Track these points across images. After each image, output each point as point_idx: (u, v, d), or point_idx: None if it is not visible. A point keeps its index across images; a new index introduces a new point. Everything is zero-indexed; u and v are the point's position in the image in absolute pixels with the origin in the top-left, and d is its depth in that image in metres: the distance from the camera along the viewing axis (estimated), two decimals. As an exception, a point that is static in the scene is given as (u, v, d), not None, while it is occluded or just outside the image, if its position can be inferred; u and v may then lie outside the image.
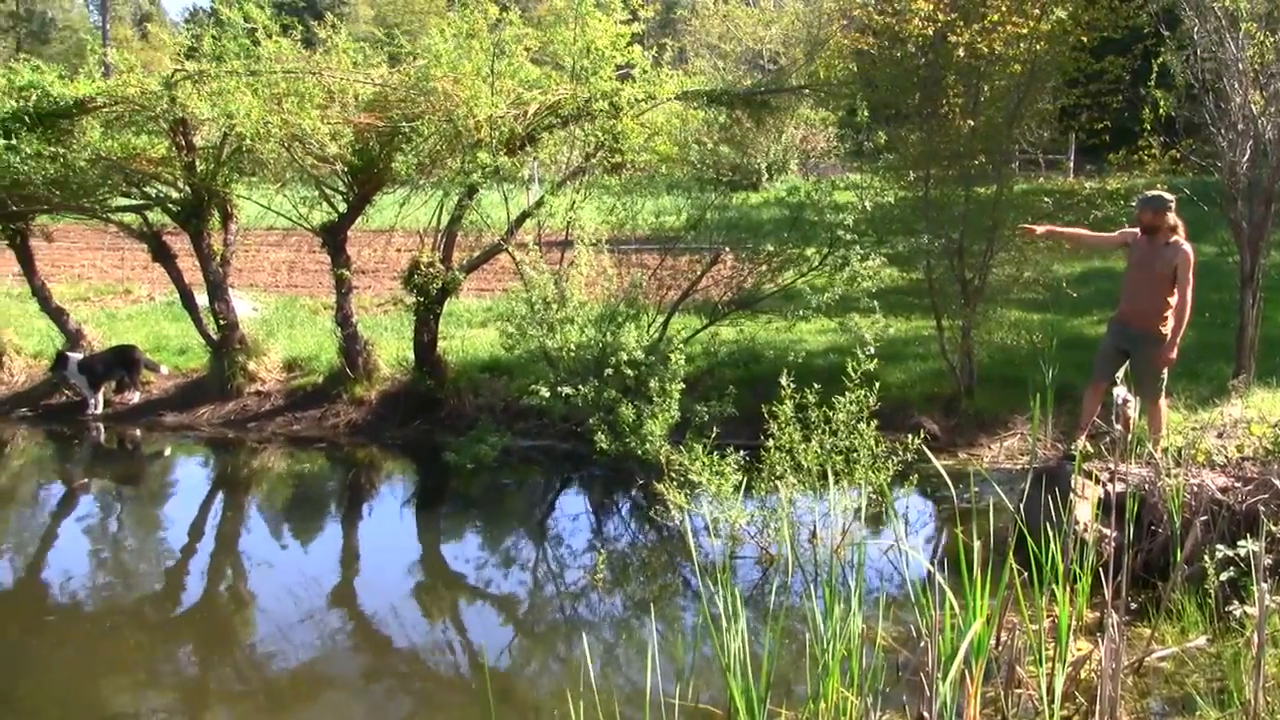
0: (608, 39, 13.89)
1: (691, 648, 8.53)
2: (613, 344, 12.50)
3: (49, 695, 8.72)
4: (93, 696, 8.72)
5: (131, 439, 17.07)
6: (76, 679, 9.02)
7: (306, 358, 17.59)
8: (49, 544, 12.93)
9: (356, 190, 15.77)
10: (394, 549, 12.19)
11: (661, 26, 33.39)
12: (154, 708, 8.55)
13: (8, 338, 19.16)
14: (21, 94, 16.22)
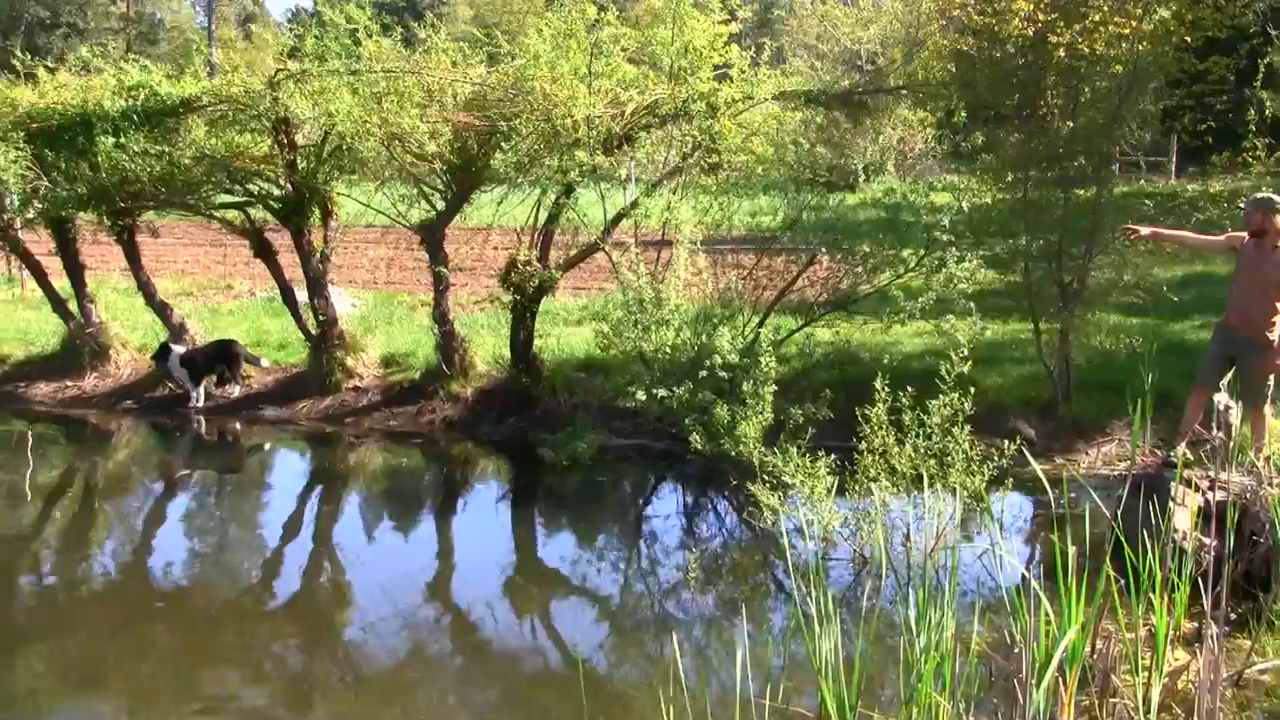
0: (706, 39, 13.88)
1: (782, 649, 8.52)
2: (707, 346, 12.50)
3: (154, 681, 8.90)
4: (195, 683, 8.89)
5: (231, 432, 17.33)
6: (180, 666, 9.19)
7: (404, 354, 17.75)
8: (153, 533, 13.20)
9: (455, 188, 15.88)
10: (488, 545, 12.28)
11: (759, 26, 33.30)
12: (252, 697, 8.70)
13: (114, 331, 19.52)
14: (131, 93, 16.58)
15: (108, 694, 8.75)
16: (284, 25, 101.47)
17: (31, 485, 14.93)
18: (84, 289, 19.63)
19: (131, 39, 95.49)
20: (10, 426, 17.95)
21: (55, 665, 9.30)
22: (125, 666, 9.23)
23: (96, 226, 18.94)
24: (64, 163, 16.93)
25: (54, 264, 19.97)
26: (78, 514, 14.13)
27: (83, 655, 9.51)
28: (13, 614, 10.51)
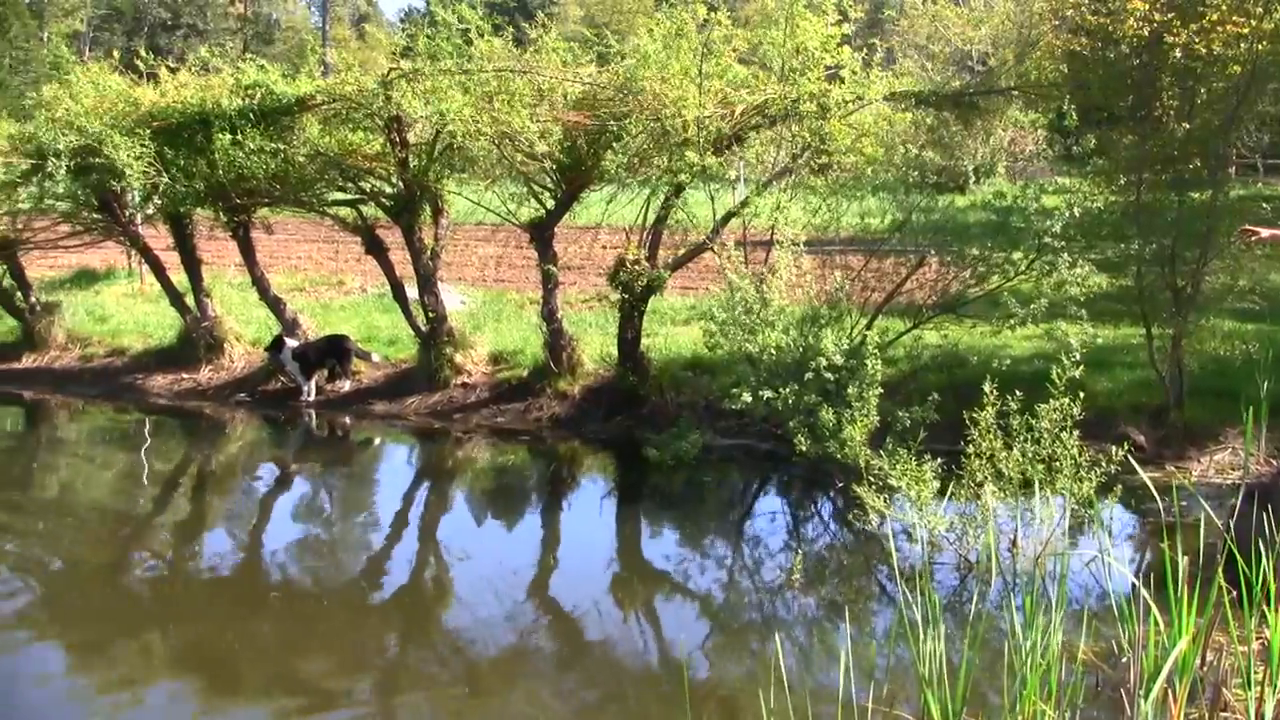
0: (818, 40, 13.83)
1: (886, 652, 8.49)
2: (813, 347, 12.46)
3: (264, 671, 9.04)
4: (302, 673, 9.04)
5: (342, 426, 17.58)
6: (286, 656, 9.35)
7: (512, 351, 17.87)
8: (263, 525, 13.44)
9: (564, 187, 15.96)
10: (593, 543, 12.36)
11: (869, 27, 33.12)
12: (356, 689, 8.82)
13: (228, 326, 19.88)
14: (247, 92, 16.88)
15: (215, 681, 8.90)
16: (397, 25, 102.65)
17: (147, 475, 15.24)
18: (200, 284, 20.01)
19: (248, 39, 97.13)
20: (128, 417, 18.35)
21: (166, 651, 9.49)
22: (233, 654, 9.40)
23: (213, 222, 19.34)
24: (183, 160, 17.27)
25: (172, 259, 20.38)
26: (191, 504, 14.43)
27: (192, 642, 9.71)
28: (127, 600, 10.75)
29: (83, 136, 17.21)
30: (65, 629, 9.95)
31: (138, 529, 12.96)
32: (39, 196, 19.67)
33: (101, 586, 11.02)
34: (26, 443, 17.77)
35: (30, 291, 21.79)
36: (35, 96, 22.09)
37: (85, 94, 18.25)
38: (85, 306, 23.41)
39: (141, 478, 15.12)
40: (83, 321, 22.11)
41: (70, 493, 14.40)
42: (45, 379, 20.47)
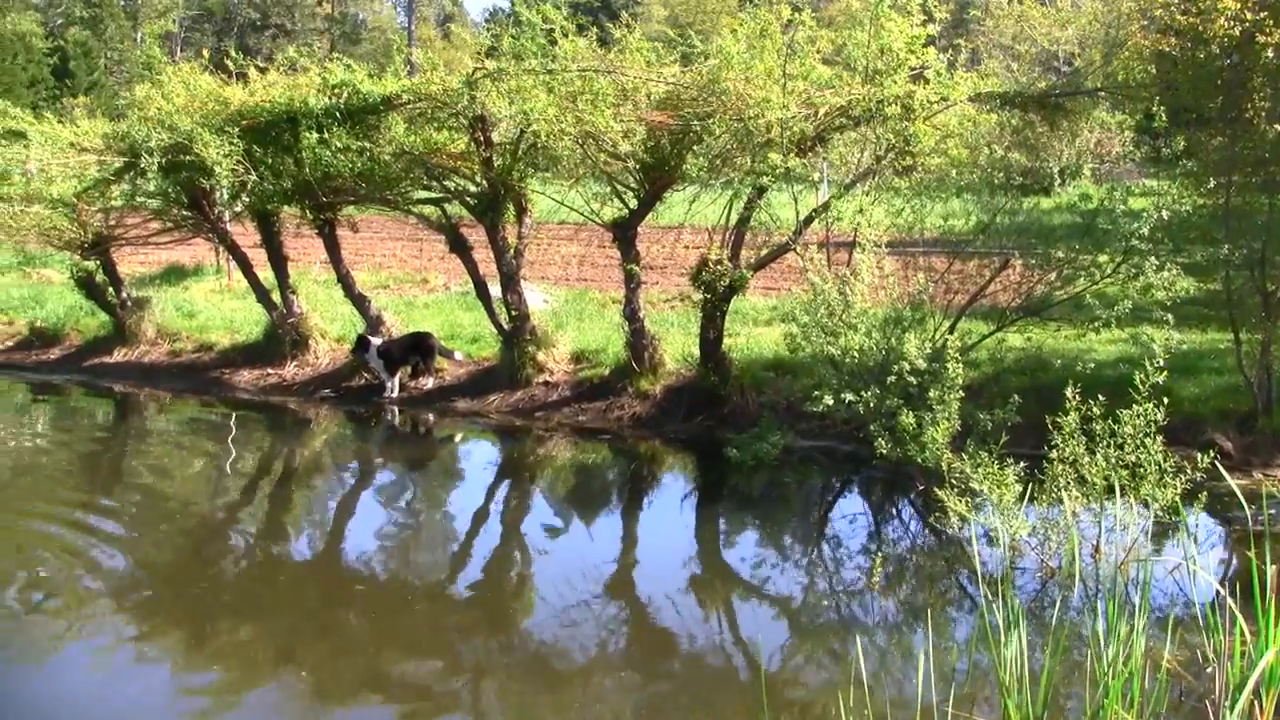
0: (903, 41, 13.75)
1: (965, 657, 8.45)
2: (896, 350, 12.40)
3: (345, 663, 9.14)
4: (383, 666, 9.13)
5: (424, 423, 17.72)
6: (366, 649, 9.44)
7: (594, 350, 17.93)
8: (346, 519, 13.59)
9: (647, 187, 15.98)
10: (672, 542, 12.36)
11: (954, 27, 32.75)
12: (435, 682, 8.92)
13: (314, 322, 20.11)
14: (334, 91, 17.03)
15: (297, 673, 9.04)
16: (482, 25, 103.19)
17: (234, 469, 15.43)
18: (287, 280, 20.25)
19: (335, 39, 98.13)
20: (215, 411, 18.60)
21: (251, 642, 9.62)
22: (317, 647, 9.52)
23: (300, 220, 19.58)
24: (270, 158, 17.50)
25: (259, 256, 20.66)
26: (276, 498, 14.60)
27: (277, 634, 9.84)
28: (213, 591, 10.89)
29: (174, 135, 17.51)
30: (157, 620, 10.12)
31: (225, 522, 13.13)
32: (131, 194, 20.05)
33: (190, 578, 11.19)
34: (117, 435, 18.06)
35: (122, 287, 22.13)
36: (128, 96, 22.52)
37: (177, 93, 18.55)
38: (174, 302, 23.83)
39: (228, 472, 15.31)
40: (172, 317, 22.48)
41: (159, 486, 14.62)
42: (135, 373, 20.83)
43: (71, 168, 20.08)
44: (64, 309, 23.76)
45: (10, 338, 23.58)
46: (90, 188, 20.12)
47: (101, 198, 20.46)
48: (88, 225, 20.99)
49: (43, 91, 76.17)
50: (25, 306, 24.84)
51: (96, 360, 21.63)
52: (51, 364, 22.08)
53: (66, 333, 22.91)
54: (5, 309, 24.87)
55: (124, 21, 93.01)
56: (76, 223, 20.86)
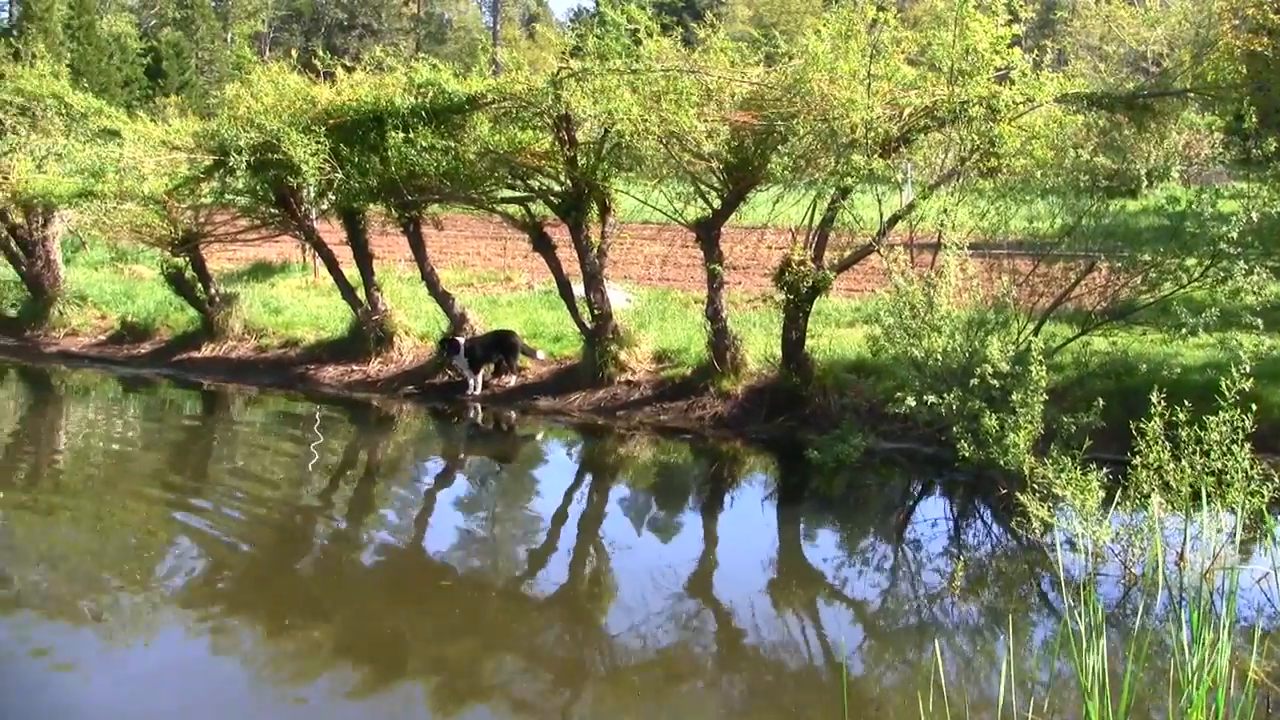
0: (988, 41, 13.65)
1: (1047, 663, 8.38)
2: (979, 353, 12.30)
3: (429, 659, 9.23)
4: (462, 662, 9.20)
5: (506, 420, 17.82)
6: (448, 644, 9.52)
7: (676, 350, 17.94)
8: (429, 515, 13.72)
9: (731, 187, 15.98)
10: (752, 542, 12.36)
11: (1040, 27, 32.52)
12: (515, 679, 8.97)
13: (398, 319, 20.27)
14: (420, 91, 17.17)
15: (377, 667, 9.11)
16: (566, 25, 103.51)
17: (317, 463, 15.62)
18: (372, 278, 20.43)
19: (421, 39, 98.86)
20: (300, 406, 18.83)
21: (332, 636, 9.72)
22: (397, 641, 9.62)
23: (385, 218, 19.73)
24: (357, 157, 17.66)
25: (344, 253, 20.87)
26: (359, 492, 14.76)
27: (357, 627, 9.95)
28: (296, 583, 11.05)
29: (262, 133, 17.73)
30: (239, 610, 10.26)
31: (309, 516, 13.28)
32: (220, 191, 20.33)
33: (273, 570, 11.36)
34: (204, 429, 18.33)
35: (210, 283, 22.43)
36: (219, 95, 22.83)
37: (265, 92, 18.79)
38: (261, 298, 24.11)
39: (312, 467, 15.50)
40: (258, 313, 22.75)
41: (245, 480, 14.78)
42: (222, 368, 21.12)
43: (163, 165, 20.39)
44: (154, 304, 24.14)
45: (103, 332, 24.01)
46: (181, 185, 20.41)
47: (191, 195, 20.75)
48: (178, 222, 21.31)
49: (136, 91, 77.37)
50: (117, 301, 25.28)
51: (185, 355, 21.97)
52: (142, 358, 22.45)
53: (156, 328, 23.27)
54: (98, 304, 25.30)
55: (215, 22, 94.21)
56: (167, 219, 21.19)
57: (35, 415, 19.80)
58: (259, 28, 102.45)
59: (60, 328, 24.33)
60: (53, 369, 22.44)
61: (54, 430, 18.30)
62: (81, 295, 25.26)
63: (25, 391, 21.54)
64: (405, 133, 16.75)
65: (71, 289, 25.21)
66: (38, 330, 24.44)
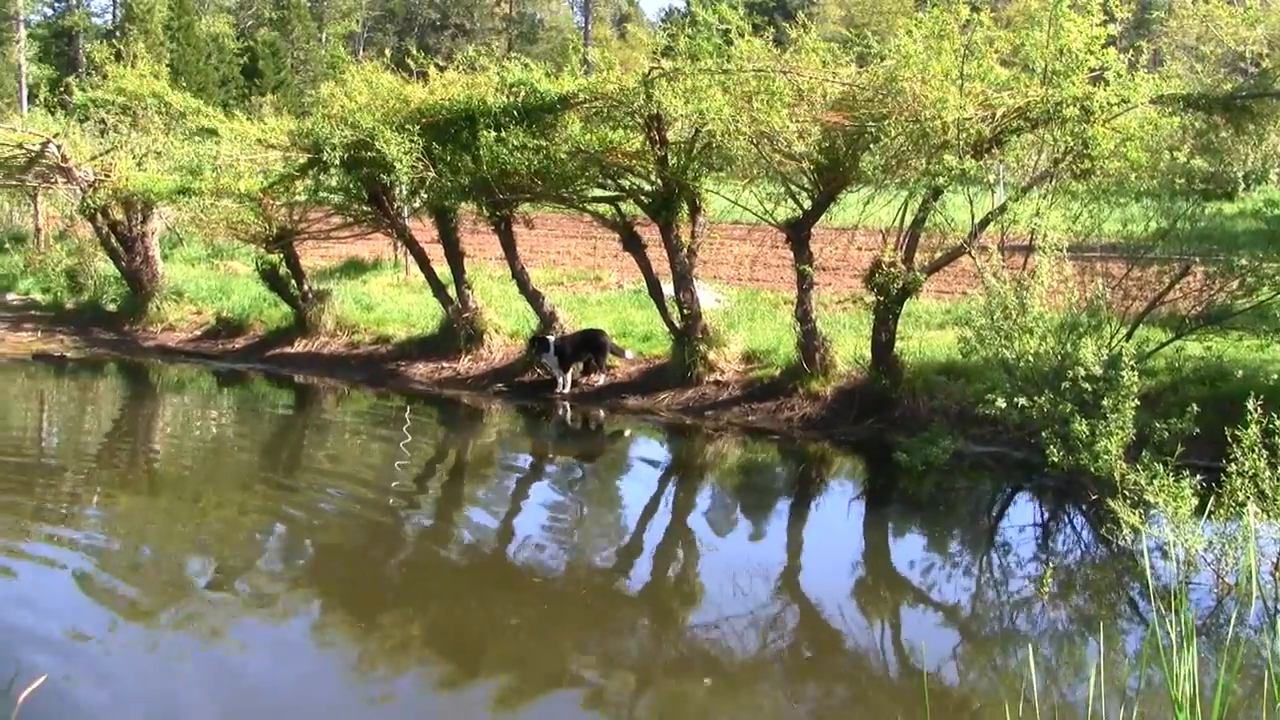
0: (1082, 41, 13.51)
1: (1137, 672, 8.29)
2: (1071, 356, 12.16)
3: (510, 654, 9.26)
4: (546, 658, 9.23)
5: (595, 419, 17.90)
6: (533, 639, 9.57)
7: (765, 351, 17.91)
8: (517, 511, 13.83)
9: (821, 188, 15.93)
10: (839, 545, 12.33)
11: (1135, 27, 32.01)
12: (598, 677, 8.99)
13: (488, 317, 20.40)
14: (511, 90, 17.29)
15: (466, 663, 9.18)
16: (657, 24, 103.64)
17: (408, 459, 15.77)
18: (463, 275, 20.60)
19: (513, 38, 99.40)
20: (390, 402, 19.02)
21: (422, 631, 9.81)
22: (483, 636, 9.67)
23: (476, 216, 19.90)
24: (449, 155, 17.85)
25: (436, 251, 21.05)
26: (449, 488, 14.89)
27: (445, 621, 10.06)
28: (386, 581, 11.15)
29: (356, 132, 17.93)
30: (330, 603, 10.40)
31: (399, 511, 13.39)
32: (314, 189, 20.62)
33: (363, 563, 11.48)
34: (296, 424, 18.57)
35: (304, 280, 22.73)
36: (313, 94, 23.14)
37: (359, 91, 19.01)
38: (353, 295, 24.41)
39: (403, 463, 15.65)
40: (350, 309, 23.02)
41: (336, 475, 14.95)
42: (314, 364, 21.39)
43: (258, 163, 20.72)
44: (248, 300, 24.51)
45: (198, 327, 24.39)
46: (276, 183, 20.74)
47: (286, 193, 21.07)
48: (273, 219, 21.63)
49: (233, 90, 78.50)
50: (213, 297, 25.68)
51: (278, 350, 22.29)
52: (236, 353, 22.79)
53: (251, 323, 23.63)
54: (194, 299, 25.70)
55: (310, 23, 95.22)
56: (262, 217, 21.52)
57: (133, 408, 20.15)
58: (353, 28, 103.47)
59: (158, 322, 24.75)
60: (150, 363, 22.84)
61: (151, 423, 18.63)
62: (178, 291, 25.69)
63: (124, 385, 21.94)
64: (497, 132, 16.87)
65: (169, 284, 25.63)
66: (136, 325, 24.90)
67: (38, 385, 21.42)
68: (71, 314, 26.54)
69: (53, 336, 24.86)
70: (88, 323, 25.79)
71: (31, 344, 24.17)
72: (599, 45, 78.73)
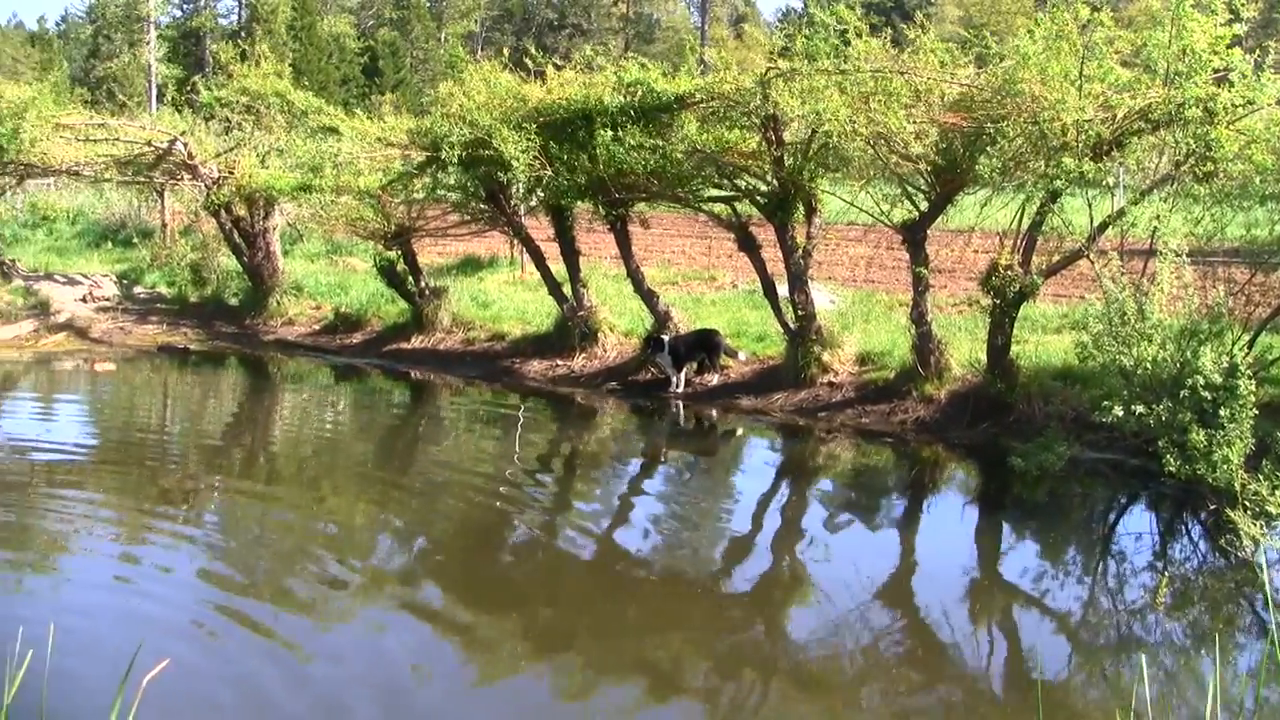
0: (1206, 41, 13.29)
1: (1255, 686, 8.17)
2: (1190, 364, 11.97)
3: (612, 651, 9.33)
4: (652, 657, 9.31)
5: (708, 418, 17.94)
6: (639, 638, 9.65)
7: (879, 353, 17.82)
8: (630, 510, 13.89)
9: (938, 189, 15.83)
10: (950, 549, 12.22)
11: (1263, 27, 31.41)
12: (701, 679, 9.02)
13: (603, 316, 20.51)
14: (628, 90, 17.36)
15: (580, 662, 9.26)
16: (774, 25, 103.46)
17: (523, 456, 15.92)
18: (578, 274, 20.72)
19: (630, 38, 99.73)
20: (505, 399, 19.20)
21: (535, 629, 9.89)
22: (589, 632, 9.75)
23: (592, 215, 20.02)
24: (566, 154, 17.97)
25: (551, 249, 21.20)
26: (562, 485, 15.02)
27: (554, 617, 10.15)
28: (499, 577, 11.27)
29: (474, 131, 18.13)
30: (441, 596, 10.56)
31: (511, 506, 13.50)
32: (432, 187, 20.88)
33: (477, 559, 11.61)
34: (412, 419, 18.84)
35: (421, 277, 23.00)
36: (432, 93, 23.39)
37: (477, 91, 19.19)
38: (469, 292, 24.65)
39: (516, 458, 15.81)
40: (466, 306, 23.26)
41: (449, 468, 15.14)
42: (430, 360, 21.65)
43: (378, 161, 21.02)
44: (366, 296, 24.87)
45: (317, 322, 24.80)
46: (394, 181, 21.02)
47: (404, 190, 21.38)
48: (391, 216, 21.95)
49: (353, 89, 79.74)
50: (331, 293, 26.10)
51: (394, 346, 22.60)
52: (353, 348, 23.15)
53: (368, 319, 23.98)
54: (314, 294, 26.15)
55: (429, 22, 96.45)
56: (381, 214, 21.85)
57: (253, 401, 20.58)
58: (471, 27, 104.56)
59: (278, 317, 25.23)
60: (270, 356, 23.30)
61: (270, 416, 19.02)
62: (298, 286, 26.17)
63: (244, 377, 22.40)
64: (614, 131, 16.98)
65: (289, 280, 26.13)
66: (256, 319, 25.41)
67: (162, 377, 21.97)
68: (195, 307, 27.10)
69: (177, 329, 25.49)
70: (210, 316, 26.34)
71: (157, 336, 24.83)
72: (715, 45, 78.81)
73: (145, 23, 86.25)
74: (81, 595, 10.21)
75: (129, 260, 31.31)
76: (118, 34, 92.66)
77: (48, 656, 5.91)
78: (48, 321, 25.49)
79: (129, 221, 35.72)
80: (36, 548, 11.65)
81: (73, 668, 8.07)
